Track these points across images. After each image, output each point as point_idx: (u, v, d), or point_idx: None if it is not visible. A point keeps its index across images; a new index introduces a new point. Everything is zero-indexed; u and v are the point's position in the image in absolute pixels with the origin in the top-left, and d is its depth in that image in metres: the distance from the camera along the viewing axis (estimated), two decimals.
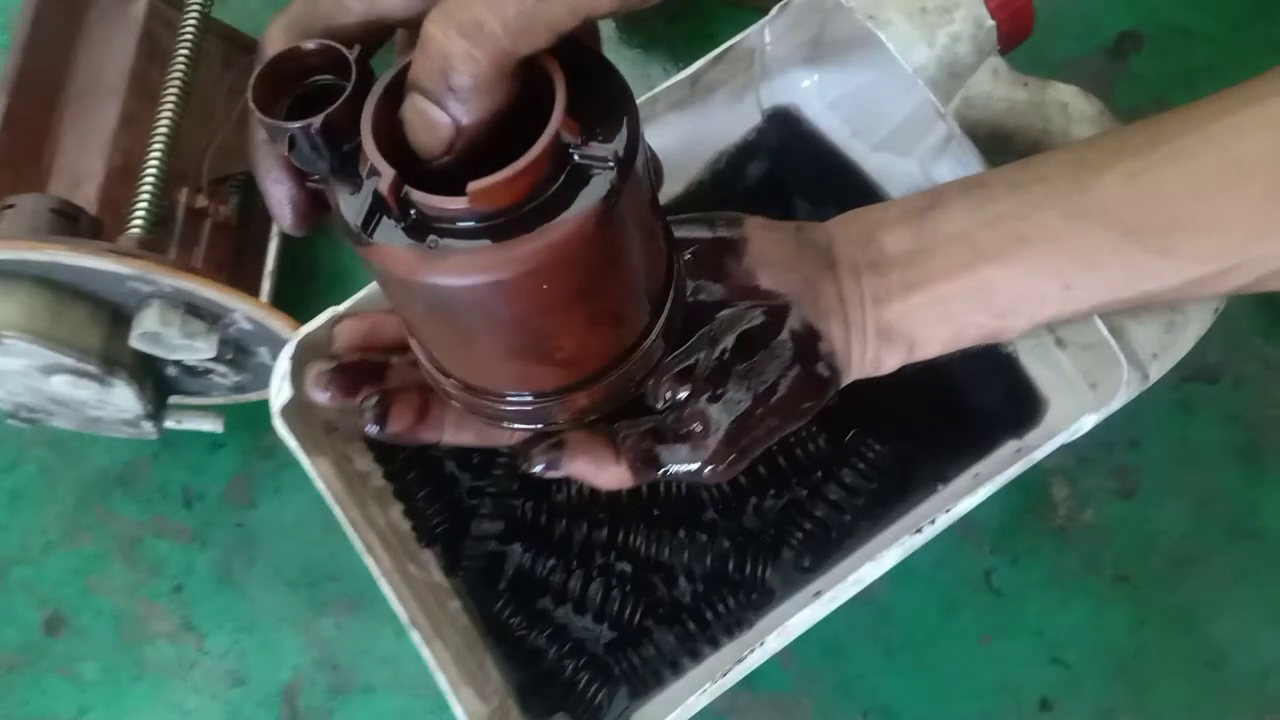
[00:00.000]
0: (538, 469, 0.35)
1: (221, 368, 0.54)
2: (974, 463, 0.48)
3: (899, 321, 0.37)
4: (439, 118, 0.25)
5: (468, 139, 0.26)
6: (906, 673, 0.56)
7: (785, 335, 0.36)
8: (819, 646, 0.56)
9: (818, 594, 0.44)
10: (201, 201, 0.51)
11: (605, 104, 0.27)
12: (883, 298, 0.37)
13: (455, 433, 0.37)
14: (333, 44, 0.26)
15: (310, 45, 0.27)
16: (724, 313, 0.36)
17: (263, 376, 0.58)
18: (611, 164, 0.26)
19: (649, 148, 0.33)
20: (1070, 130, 0.51)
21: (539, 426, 0.34)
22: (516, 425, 0.34)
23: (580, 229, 0.26)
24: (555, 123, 0.25)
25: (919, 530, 0.41)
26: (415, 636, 0.41)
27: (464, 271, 0.26)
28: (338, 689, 0.59)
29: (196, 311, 0.49)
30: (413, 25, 0.26)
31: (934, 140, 0.49)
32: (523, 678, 0.47)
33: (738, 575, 0.47)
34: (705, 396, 0.35)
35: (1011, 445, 0.48)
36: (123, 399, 0.52)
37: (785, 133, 0.54)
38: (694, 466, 0.35)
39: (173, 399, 0.59)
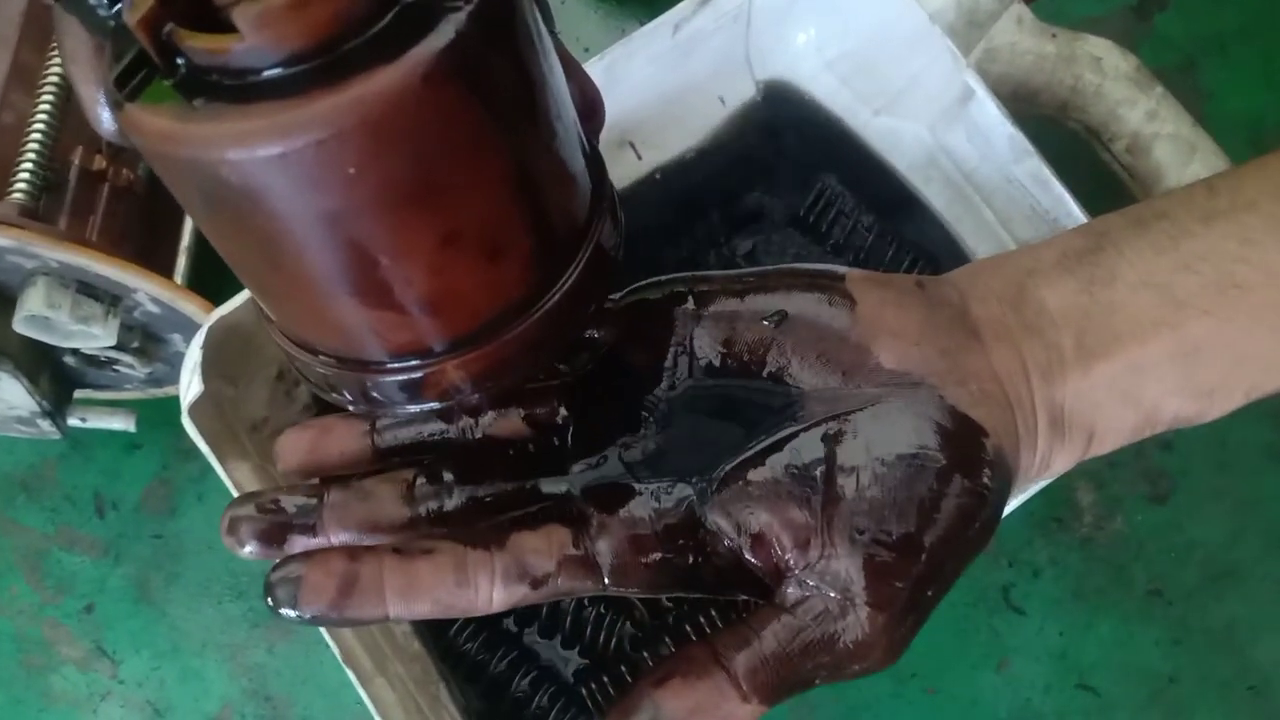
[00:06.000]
0: None
1: (127, 358, 0.51)
2: None
3: (1076, 404, 0.29)
4: None
5: None
6: (916, 701, 0.54)
7: (931, 434, 0.27)
8: None
9: None
10: (100, 163, 0.47)
11: None
12: (1053, 372, 0.29)
13: (404, 603, 0.27)
14: None
15: None
16: (825, 407, 0.27)
17: (180, 367, 0.54)
18: (461, 3, 0.20)
19: (584, 74, 0.27)
20: (1104, 88, 0.48)
21: (430, 405, 0.27)
22: (410, 408, 0.27)
23: (403, 86, 0.19)
24: None
25: None
26: (352, 675, 0.38)
27: (232, 139, 0.19)
28: None
29: (91, 291, 0.45)
30: None
31: (948, 100, 0.46)
32: (483, 711, 0.44)
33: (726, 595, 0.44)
34: (833, 547, 0.26)
35: None
36: (11, 393, 0.48)
37: (778, 97, 0.51)
38: (850, 666, 0.26)
39: (80, 393, 0.55)
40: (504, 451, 0.30)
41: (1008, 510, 0.39)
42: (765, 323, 0.29)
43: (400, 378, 0.25)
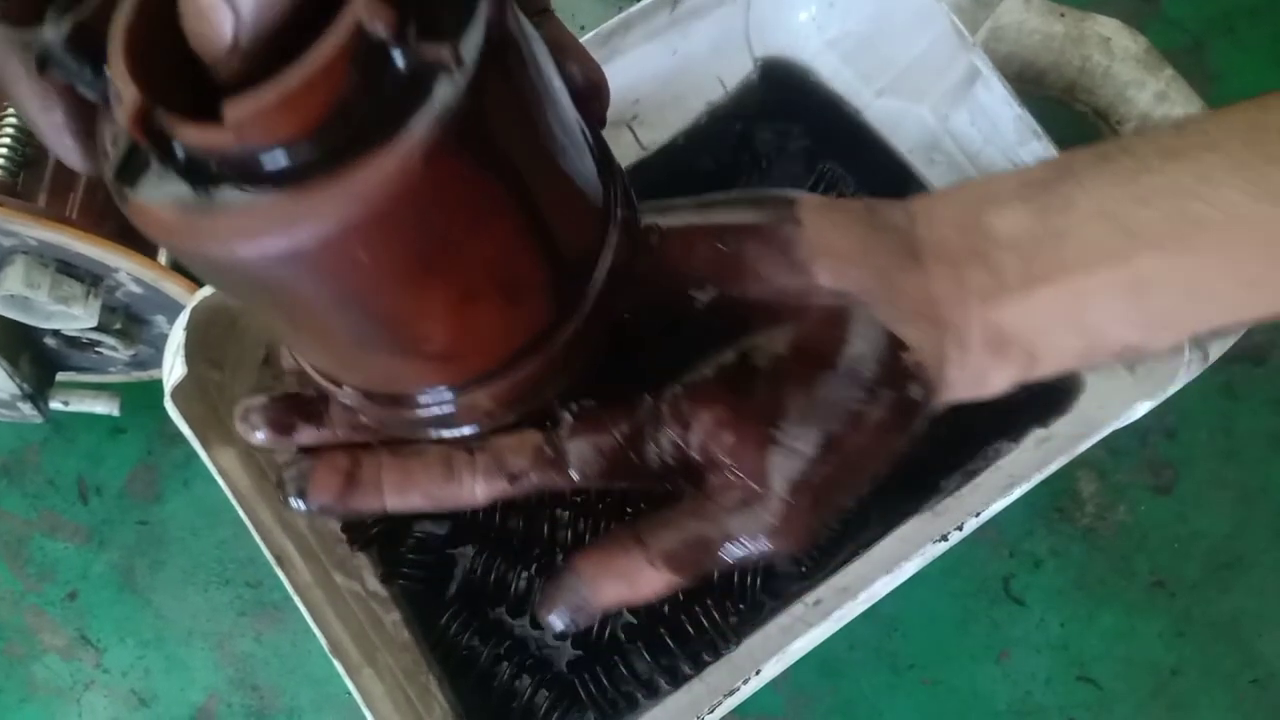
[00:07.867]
0: (563, 624, 0.30)
1: (110, 340, 0.50)
2: (995, 454, 0.45)
3: (1017, 325, 0.31)
4: (214, 1, 0.19)
5: (254, 37, 0.19)
6: (914, 693, 0.54)
7: (858, 347, 0.30)
8: (815, 664, 0.54)
9: (817, 603, 0.41)
10: None
11: None
12: (994, 294, 0.30)
13: (400, 496, 0.31)
14: None
15: None
16: (770, 324, 0.30)
17: (164, 350, 0.53)
18: (451, 67, 0.19)
19: (586, 54, 0.27)
20: (1112, 69, 0.47)
21: (461, 431, 0.28)
22: (443, 432, 0.28)
23: (403, 168, 0.19)
24: (354, 7, 0.18)
25: (944, 538, 0.38)
26: (339, 666, 0.38)
27: (237, 237, 0.19)
28: (258, 712, 0.56)
29: (71, 271, 0.45)
30: None
31: (953, 81, 0.46)
32: (473, 701, 0.44)
33: (722, 583, 0.44)
34: (755, 441, 0.29)
35: (1036, 434, 0.45)
36: None
37: (778, 76, 0.50)
38: (756, 548, 0.29)
39: (62, 376, 0.55)
40: None
41: (1009, 500, 0.39)
42: (719, 245, 0.31)
43: (429, 412, 0.27)
